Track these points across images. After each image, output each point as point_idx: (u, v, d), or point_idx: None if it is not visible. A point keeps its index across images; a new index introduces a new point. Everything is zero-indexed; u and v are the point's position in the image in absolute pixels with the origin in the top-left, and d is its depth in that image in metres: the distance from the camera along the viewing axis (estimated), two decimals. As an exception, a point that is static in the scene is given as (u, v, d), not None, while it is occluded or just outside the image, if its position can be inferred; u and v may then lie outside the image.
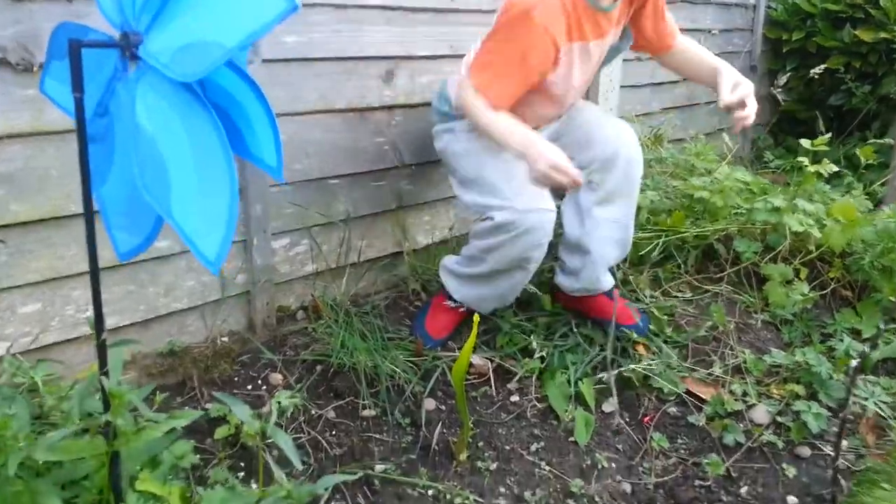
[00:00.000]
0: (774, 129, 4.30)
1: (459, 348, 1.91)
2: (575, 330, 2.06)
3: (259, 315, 1.94)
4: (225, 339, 1.89)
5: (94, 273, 1.05)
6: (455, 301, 2.04)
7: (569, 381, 1.91)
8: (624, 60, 2.91)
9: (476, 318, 1.54)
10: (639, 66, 3.04)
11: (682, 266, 2.30)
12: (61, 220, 1.55)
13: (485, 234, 1.83)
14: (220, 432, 1.62)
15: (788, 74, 3.96)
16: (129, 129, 1.02)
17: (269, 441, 1.65)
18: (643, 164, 1.98)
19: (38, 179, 1.51)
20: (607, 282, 2.05)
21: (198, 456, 1.58)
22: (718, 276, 2.29)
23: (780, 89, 4.27)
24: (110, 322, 1.66)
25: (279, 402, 1.20)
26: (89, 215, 1.06)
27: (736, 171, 2.36)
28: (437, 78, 2.19)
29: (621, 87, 2.93)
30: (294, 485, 1.17)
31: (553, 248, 1.97)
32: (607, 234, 1.97)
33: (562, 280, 2.08)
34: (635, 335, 1.99)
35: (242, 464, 1.61)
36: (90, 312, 1.63)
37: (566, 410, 1.84)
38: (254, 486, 1.56)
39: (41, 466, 1.14)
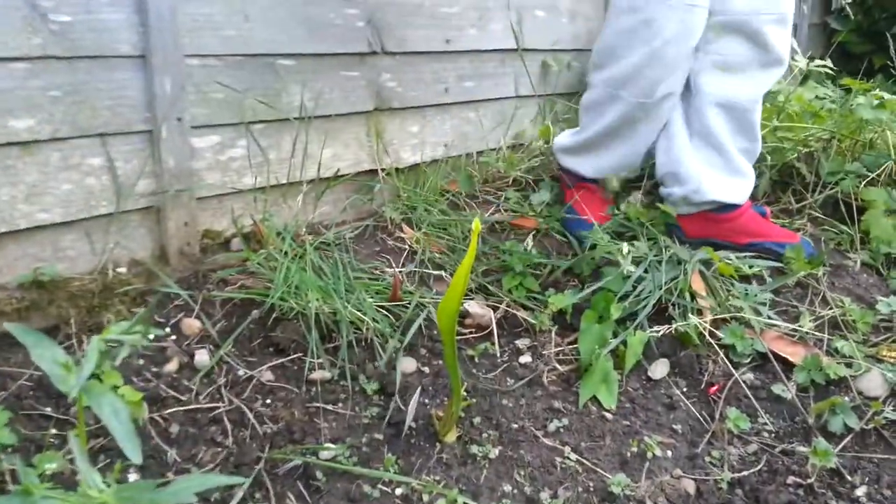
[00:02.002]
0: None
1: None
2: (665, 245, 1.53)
3: (174, 240, 1.41)
4: (122, 269, 1.36)
5: None
6: (594, 179, 1.70)
7: (614, 332, 1.37)
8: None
9: (476, 225, 1.00)
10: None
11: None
12: None
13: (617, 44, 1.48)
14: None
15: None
16: None
17: (173, 411, 1.13)
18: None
19: None
20: (741, 187, 1.58)
21: (53, 430, 1.07)
22: (799, 205, 1.73)
23: (834, 17, 3.70)
24: (-66, 233, 1.13)
25: (104, 341, 0.66)
26: None
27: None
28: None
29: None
30: (126, 489, 0.63)
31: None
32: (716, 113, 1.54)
33: (672, 191, 1.61)
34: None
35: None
36: None
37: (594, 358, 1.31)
38: (135, 477, 1.04)
39: None
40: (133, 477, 1.03)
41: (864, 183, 1.66)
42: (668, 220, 1.62)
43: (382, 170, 1.74)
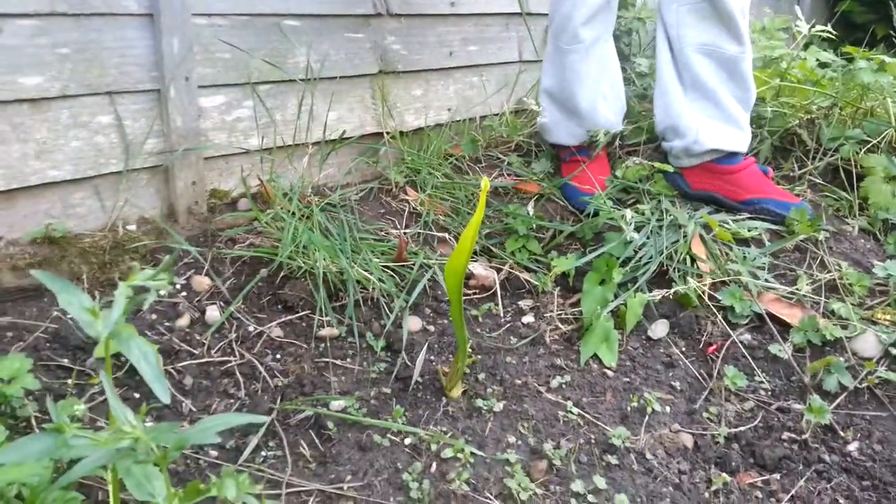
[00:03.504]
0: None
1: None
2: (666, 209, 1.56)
3: (182, 199, 1.42)
4: (132, 227, 1.38)
5: None
6: (574, 149, 1.75)
7: (615, 294, 1.41)
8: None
9: (485, 183, 1.02)
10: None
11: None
12: None
13: None
14: (101, 350, 1.11)
15: (849, -33, 3.38)
16: None
17: (187, 364, 1.16)
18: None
19: None
20: (738, 136, 1.61)
21: (69, 381, 1.09)
22: (800, 171, 1.75)
23: (838, -14, 3.67)
24: (-53, 188, 1.14)
25: (131, 287, 0.68)
26: None
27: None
28: None
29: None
30: (154, 430, 0.66)
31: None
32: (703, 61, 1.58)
33: (673, 145, 1.65)
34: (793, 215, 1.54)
35: (137, 395, 1.11)
36: None
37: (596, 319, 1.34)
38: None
39: None
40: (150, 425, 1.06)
41: (864, 150, 1.68)
42: (670, 174, 1.66)
43: (387, 133, 1.75)
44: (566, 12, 1.60)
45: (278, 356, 1.25)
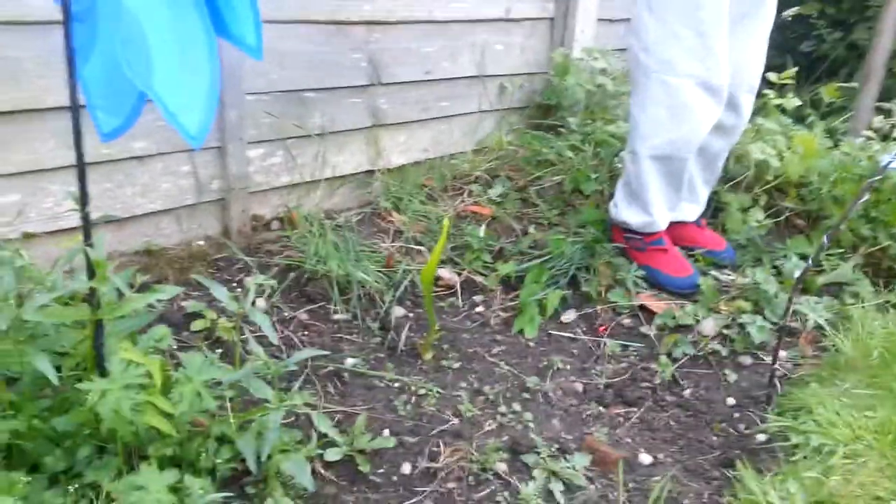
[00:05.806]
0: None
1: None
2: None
3: (234, 222, 2.00)
4: (200, 242, 1.95)
5: (77, 128, 1.09)
6: (658, 237, 2.08)
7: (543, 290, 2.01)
8: (602, -7, 2.94)
9: (445, 222, 1.62)
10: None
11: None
12: (39, 112, 1.58)
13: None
14: (198, 325, 1.69)
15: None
16: (112, 7, 1.06)
17: (243, 337, 1.74)
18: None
19: (12, 70, 1.53)
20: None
21: (175, 346, 1.67)
22: (679, 202, 2.38)
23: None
24: (88, 218, 1.70)
25: (258, 284, 1.26)
26: (74, 96, 1.10)
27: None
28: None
29: (598, 19, 2.96)
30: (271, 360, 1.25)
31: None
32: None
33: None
34: (727, 261, 2.14)
35: (217, 355, 1.68)
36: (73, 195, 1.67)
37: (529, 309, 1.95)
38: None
39: (26, 336, 1.20)
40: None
41: (726, 187, 2.31)
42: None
43: (378, 170, 2.34)
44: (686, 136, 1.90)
45: (306, 332, 1.84)
